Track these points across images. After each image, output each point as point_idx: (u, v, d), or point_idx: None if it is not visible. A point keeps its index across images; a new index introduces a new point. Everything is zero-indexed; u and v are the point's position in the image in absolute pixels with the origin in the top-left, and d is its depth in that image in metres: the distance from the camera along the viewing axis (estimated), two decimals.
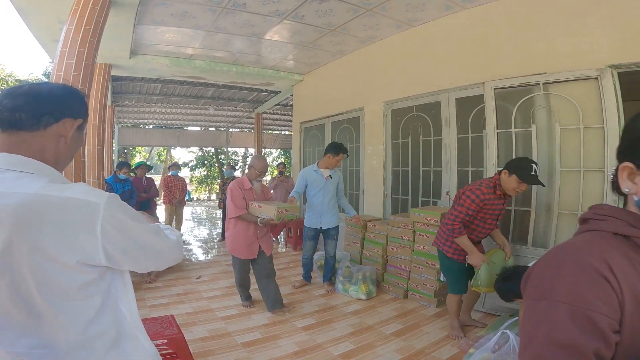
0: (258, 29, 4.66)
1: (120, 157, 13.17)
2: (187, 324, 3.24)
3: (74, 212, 0.78)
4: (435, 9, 4.00)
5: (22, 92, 0.86)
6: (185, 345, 2.20)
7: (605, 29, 2.92)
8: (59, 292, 0.80)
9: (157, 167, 23.57)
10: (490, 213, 2.87)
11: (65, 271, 0.79)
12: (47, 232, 0.75)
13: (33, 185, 0.77)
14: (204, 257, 6.00)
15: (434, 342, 2.99)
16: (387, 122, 5.05)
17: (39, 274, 0.77)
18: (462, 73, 3.98)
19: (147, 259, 0.95)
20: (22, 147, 0.84)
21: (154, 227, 0.97)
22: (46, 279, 0.78)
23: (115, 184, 4.88)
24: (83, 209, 0.79)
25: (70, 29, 3.26)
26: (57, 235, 0.76)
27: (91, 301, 0.85)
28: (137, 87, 8.04)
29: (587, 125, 3.02)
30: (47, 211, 0.76)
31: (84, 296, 0.84)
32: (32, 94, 0.87)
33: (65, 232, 0.77)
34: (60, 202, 0.77)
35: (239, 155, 20.04)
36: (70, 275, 0.80)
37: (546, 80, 3.21)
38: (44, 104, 0.87)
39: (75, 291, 0.82)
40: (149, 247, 0.93)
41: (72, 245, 0.77)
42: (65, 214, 0.77)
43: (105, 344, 0.87)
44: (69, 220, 0.77)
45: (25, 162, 0.82)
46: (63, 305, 0.81)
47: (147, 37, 4.92)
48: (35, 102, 0.86)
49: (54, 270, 0.78)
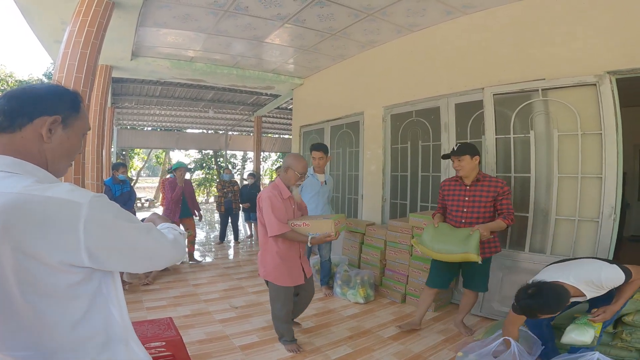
0: (259, 32, 4.69)
1: (119, 158, 13.16)
2: (185, 327, 3.23)
3: (57, 211, 0.76)
4: (435, 14, 4.04)
5: (6, 95, 0.87)
6: (184, 348, 2.20)
7: (604, 35, 2.95)
8: (42, 292, 0.78)
9: (156, 169, 23.58)
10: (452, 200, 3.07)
11: (48, 271, 0.77)
12: (29, 232, 0.74)
13: (17, 185, 0.77)
14: (202, 259, 5.98)
15: (432, 346, 2.99)
16: (387, 127, 5.07)
17: (22, 274, 0.75)
18: (462, 78, 4.01)
19: (139, 258, 0.92)
20: (8, 149, 0.84)
21: (146, 226, 0.94)
22: (30, 279, 0.76)
23: (114, 186, 4.87)
24: (65, 209, 0.77)
25: (73, 31, 3.28)
26: (40, 235, 0.75)
27: (77, 302, 0.83)
28: (137, 89, 8.06)
29: (585, 132, 3.05)
30: (30, 210, 0.75)
31: (69, 297, 0.82)
32: (14, 96, 0.87)
33: (47, 231, 0.75)
34: (43, 201, 0.76)
35: (237, 158, 20.05)
36: (55, 275, 0.78)
37: (545, 86, 3.24)
38: (23, 105, 0.86)
39: (61, 292, 0.80)
40: (139, 246, 0.91)
41: (55, 245, 0.76)
42: (47, 214, 0.75)
43: (95, 347, 0.86)
44: (51, 220, 0.75)
45: (13, 163, 0.82)
46: (48, 306, 0.79)
47: (148, 39, 4.94)
48: (15, 104, 0.86)
49: (37, 270, 0.76)
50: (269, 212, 2.66)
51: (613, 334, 2.38)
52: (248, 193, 7.38)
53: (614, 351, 2.36)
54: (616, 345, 2.35)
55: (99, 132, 4.98)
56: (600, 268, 2.05)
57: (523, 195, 3.42)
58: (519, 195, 3.46)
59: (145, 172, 25.20)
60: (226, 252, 6.73)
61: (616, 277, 2.00)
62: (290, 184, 2.80)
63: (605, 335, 2.38)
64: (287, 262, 2.79)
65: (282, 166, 2.84)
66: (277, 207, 2.67)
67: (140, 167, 20.35)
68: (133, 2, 3.63)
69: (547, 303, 1.94)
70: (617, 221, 2.89)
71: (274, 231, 2.66)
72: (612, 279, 2.01)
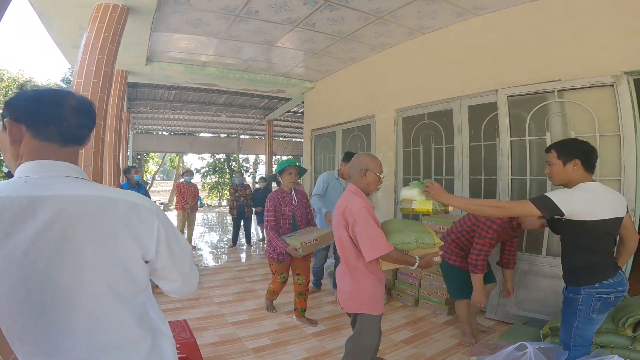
0: (270, 36, 4.72)
1: (134, 162, 13.38)
2: (198, 329, 3.26)
3: (136, 212, 0.90)
4: (447, 16, 4.02)
5: (83, 109, 0.95)
6: (197, 350, 2.22)
7: (620, 35, 2.89)
8: (124, 288, 0.89)
9: (170, 173, 23.88)
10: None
11: (135, 263, 0.89)
12: (120, 227, 0.87)
13: (92, 188, 0.89)
14: (215, 263, 6.03)
15: (445, 349, 2.95)
16: (399, 130, 5.04)
17: (110, 266, 0.86)
18: (475, 80, 3.97)
19: (179, 274, 1.02)
20: (74, 158, 0.94)
21: (190, 250, 1.08)
22: (117, 269, 0.87)
23: (130, 189, 4.97)
24: (144, 211, 0.91)
25: (90, 36, 3.36)
26: (126, 230, 0.87)
27: (143, 294, 0.94)
28: (152, 93, 8.20)
29: (603, 133, 2.98)
30: (116, 210, 0.88)
31: (139, 290, 0.93)
32: (90, 111, 0.98)
33: (132, 228, 0.88)
34: (117, 202, 0.88)
35: (249, 162, 20.19)
36: (137, 267, 0.90)
37: (561, 88, 3.19)
38: (94, 122, 1.00)
39: (137, 288, 0.91)
40: (184, 261, 1.03)
41: (138, 241, 0.89)
42: (126, 213, 0.88)
43: (151, 335, 0.94)
44: (130, 218, 0.88)
45: (80, 170, 0.94)
46: (121, 307, 0.88)
47: (162, 44, 5.03)
48: (91, 121, 0.98)
49: (128, 260, 0.88)
50: (370, 228, 1.98)
51: (632, 338, 2.32)
52: (261, 197, 7.38)
53: (633, 354, 2.30)
54: (635, 349, 2.30)
55: (116, 137, 5.08)
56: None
57: None
58: None
59: (159, 175, 25.58)
60: (239, 255, 6.77)
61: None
62: (371, 189, 2.20)
63: (624, 338, 2.34)
64: (382, 285, 2.23)
65: (354, 169, 2.21)
66: (374, 223, 2.02)
67: (155, 170, 20.66)
68: (147, 7, 3.70)
69: None
70: (636, 224, 2.82)
71: (382, 250, 1.97)
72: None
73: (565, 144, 2.05)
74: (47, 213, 0.80)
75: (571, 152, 1.97)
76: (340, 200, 2.18)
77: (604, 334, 2.40)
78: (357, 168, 2.20)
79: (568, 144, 2.06)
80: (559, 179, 2.04)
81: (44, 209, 0.80)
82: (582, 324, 2.00)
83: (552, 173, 2.07)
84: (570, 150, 1.98)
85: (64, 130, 0.90)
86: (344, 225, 2.08)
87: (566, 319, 2.05)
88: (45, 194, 0.81)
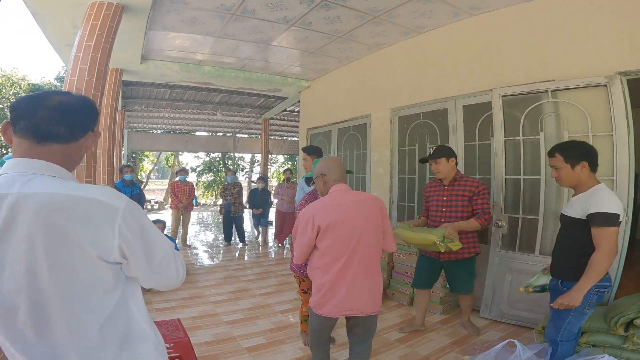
0: (266, 35, 4.71)
1: (129, 161, 13.29)
2: (193, 328, 3.25)
3: (96, 211, 0.87)
4: (442, 16, 4.03)
5: (61, 106, 0.93)
6: (191, 349, 2.21)
7: (614, 35, 2.91)
8: (82, 287, 0.87)
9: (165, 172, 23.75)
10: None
11: (91, 264, 0.87)
12: (76, 226, 0.84)
13: (62, 187, 0.87)
14: (210, 261, 6.01)
15: (439, 348, 2.96)
16: (394, 129, 5.05)
17: (66, 267, 0.85)
18: (470, 80, 3.98)
19: (154, 273, 0.99)
20: (57, 157, 0.93)
21: (171, 248, 1.04)
22: (73, 272, 0.85)
23: (124, 188, 4.95)
24: (103, 210, 0.88)
25: (84, 35, 3.34)
26: (84, 229, 0.85)
27: (107, 300, 0.91)
28: (146, 92, 8.16)
29: (596, 133, 3.00)
30: (75, 209, 0.85)
31: (102, 293, 0.90)
32: (72, 110, 0.95)
33: (89, 227, 0.86)
34: (85, 201, 0.86)
35: (245, 161, 20.13)
36: (95, 270, 0.88)
37: (555, 88, 3.20)
38: (85, 122, 0.99)
39: (97, 287, 0.89)
40: (158, 260, 0.98)
41: (94, 240, 0.86)
42: (89, 212, 0.86)
43: (117, 345, 0.91)
44: (92, 218, 0.86)
45: (58, 169, 0.92)
46: (82, 305, 0.87)
47: (157, 42, 5.00)
48: (78, 119, 0.97)
49: (81, 261, 0.85)
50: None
51: (624, 337, 2.35)
52: (259, 198, 7.25)
53: (625, 354, 2.33)
54: (627, 348, 2.32)
55: (110, 135, 5.04)
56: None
57: (533, 197, 3.38)
58: (528, 197, 3.42)
59: (154, 174, 25.43)
60: (233, 254, 6.76)
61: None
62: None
63: (616, 337, 2.36)
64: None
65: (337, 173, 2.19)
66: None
67: (150, 169, 20.55)
68: (142, 6, 3.68)
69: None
70: (629, 224, 2.85)
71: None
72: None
73: (569, 147, 2.12)
74: (4, 212, 0.81)
75: (578, 155, 2.05)
76: (366, 198, 2.13)
77: (596, 334, 2.42)
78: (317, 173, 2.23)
79: (572, 146, 2.12)
80: (568, 181, 2.12)
81: (3, 207, 0.82)
82: (575, 318, 2.03)
83: (561, 176, 2.13)
84: (576, 153, 2.06)
85: (32, 126, 0.89)
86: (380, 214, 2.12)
87: (558, 314, 2.07)
88: (8, 192, 0.82)
